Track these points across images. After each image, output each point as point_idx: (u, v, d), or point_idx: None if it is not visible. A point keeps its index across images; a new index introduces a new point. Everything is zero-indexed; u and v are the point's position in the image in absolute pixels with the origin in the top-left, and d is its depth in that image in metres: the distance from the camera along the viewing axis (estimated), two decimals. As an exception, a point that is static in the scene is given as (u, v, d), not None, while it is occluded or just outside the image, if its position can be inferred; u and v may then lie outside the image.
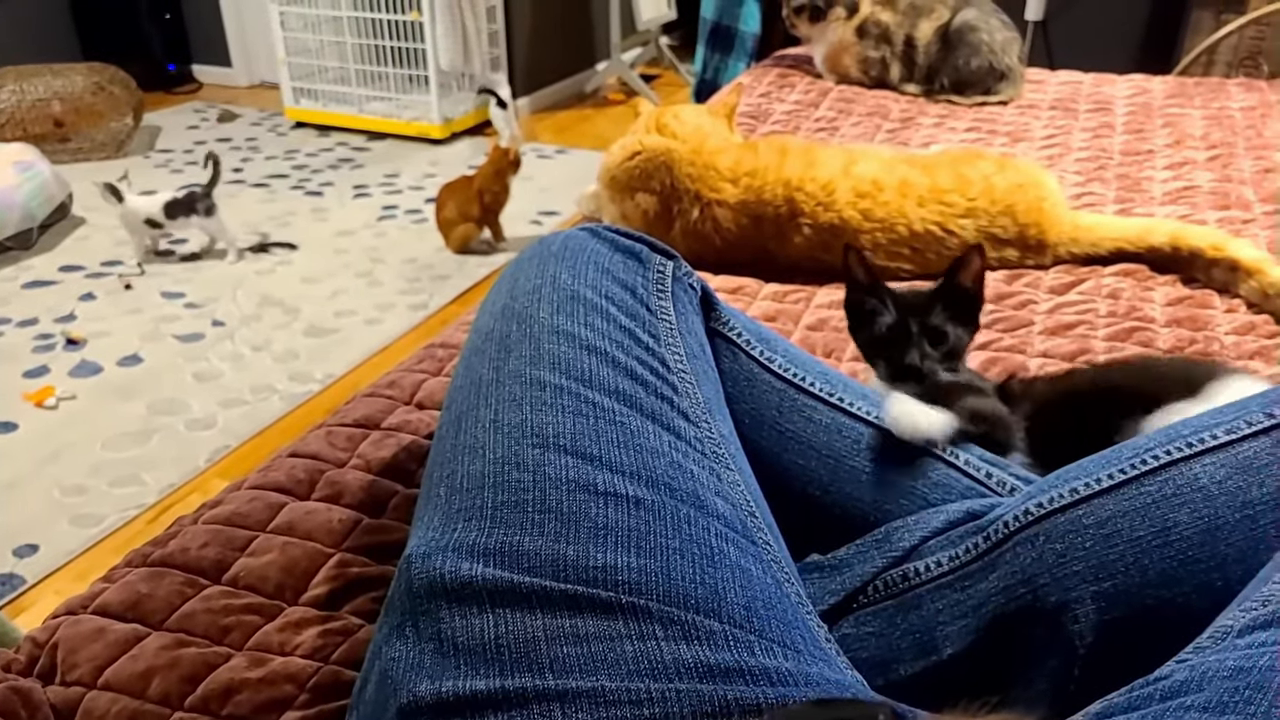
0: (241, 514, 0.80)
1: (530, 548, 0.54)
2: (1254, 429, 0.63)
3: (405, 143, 3.75)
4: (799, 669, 0.52)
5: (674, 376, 0.68)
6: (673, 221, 1.32)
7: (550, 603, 0.52)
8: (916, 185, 1.28)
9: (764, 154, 1.32)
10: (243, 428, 2.03)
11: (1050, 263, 1.32)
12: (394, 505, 0.82)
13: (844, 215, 1.27)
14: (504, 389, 0.64)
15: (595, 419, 0.61)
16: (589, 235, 0.77)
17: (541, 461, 0.58)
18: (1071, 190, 1.57)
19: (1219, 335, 1.14)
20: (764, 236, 1.31)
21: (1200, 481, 0.61)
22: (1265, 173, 1.64)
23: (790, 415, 0.76)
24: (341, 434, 0.91)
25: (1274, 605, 0.52)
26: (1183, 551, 0.60)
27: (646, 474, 0.59)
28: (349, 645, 0.69)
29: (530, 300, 0.70)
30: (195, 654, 0.66)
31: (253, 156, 3.62)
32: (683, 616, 0.52)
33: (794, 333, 1.16)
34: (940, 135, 1.92)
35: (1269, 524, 0.60)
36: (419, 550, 0.57)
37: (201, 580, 0.74)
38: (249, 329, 2.40)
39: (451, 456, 0.62)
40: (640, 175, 1.33)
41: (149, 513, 1.81)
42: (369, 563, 0.76)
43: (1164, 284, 1.26)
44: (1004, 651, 0.62)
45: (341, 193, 3.27)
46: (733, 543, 0.58)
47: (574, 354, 0.65)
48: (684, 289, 0.76)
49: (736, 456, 0.68)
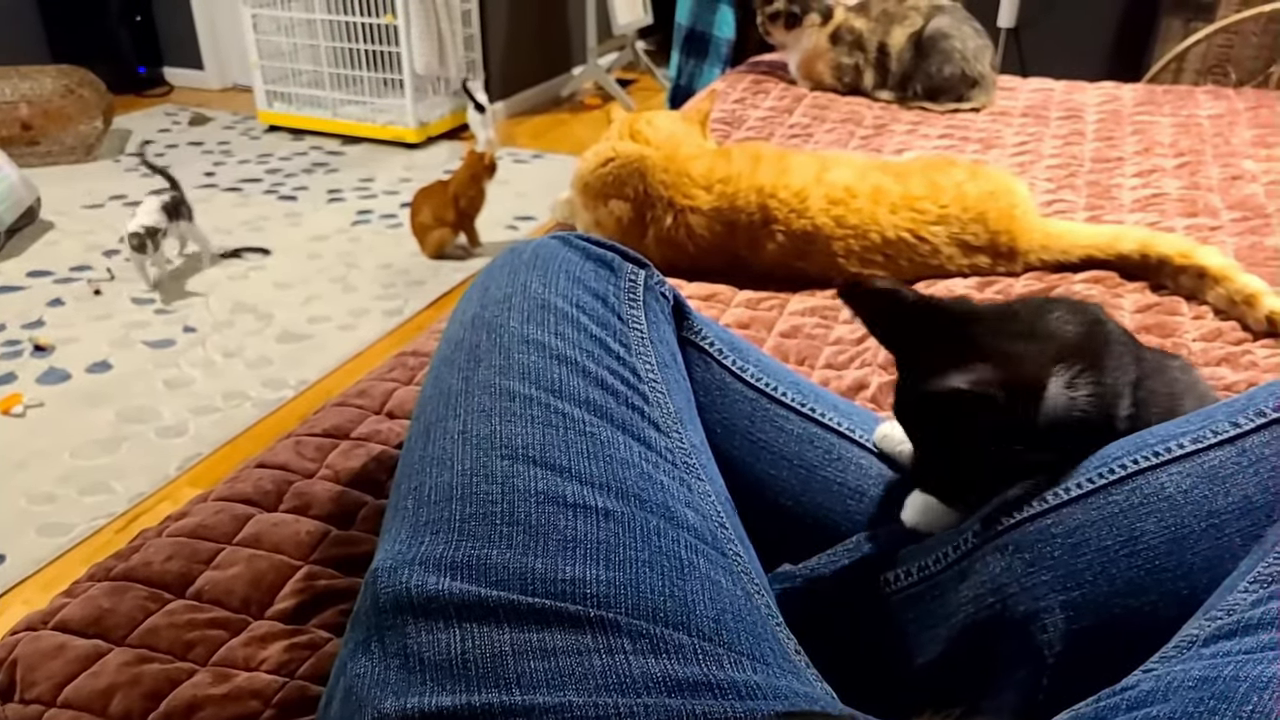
0: (207, 526, 0.79)
1: (498, 561, 0.54)
2: (1219, 438, 0.63)
3: (380, 147, 3.73)
4: (768, 682, 0.51)
5: (645, 386, 0.67)
6: (646, 228, 1.32)
7: (518, 617, 0.51)
8: (889, 192, 1.29)
9: (737, 161, 1.32)
10: (214, 435, 2.01)
11: (1021, 270, 1.32)
12: (363, 516, 0.82)
13: (817, 222, 1.27)
14: (473, 399, 0.63)
15: (565, 430, 0.61)
16: (560, 243, 0.77)
17: (510, 473, 0.58)
18: (1042, 197, 1.59)
19: (1187, 341, 1.15)
20: (737, 243, 1.31)
21: (1167, 491, 0.62)
22: (1232, 180, 1.66)
23: (762, 425, 0.76)
24: (310, 444, 0.90)
25: (1239, 614, 0.52)
26: (1149, 560, 0.61)
27: (616, 485, 0.59)
28: (316, 659, 0.68)
29: (500, 309, 0.70)
30: (158, 670, 0.65)
31: (225, 160, 3.59)
32: (651, 630, 0.51)
33: (767, 340, 1.16)
34: (913, 142, 1.93)
35: (1234, 533, 0.60)
36: (385, 564, 0.56)
37: (165, 594, 0.72)
38: (221, 335, 2.37)
39: (419, 468, 0.62)
40: (614, 182, 1.33)
41: (119, 521, 1.78)
42: (337, 575, 0.76)
43: (1133, 291, 1.27)
44: (973, 661, 0.62)
45: (315, 197, 3.25)
46: (702, 555, 0.58)
47: (544, 364, 0.65)
48: (656, 298, 0.76)
49: (708, 467, 0.68)
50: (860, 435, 0.77)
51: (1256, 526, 0.60)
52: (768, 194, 1.28)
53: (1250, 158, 1.77)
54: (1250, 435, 0.63)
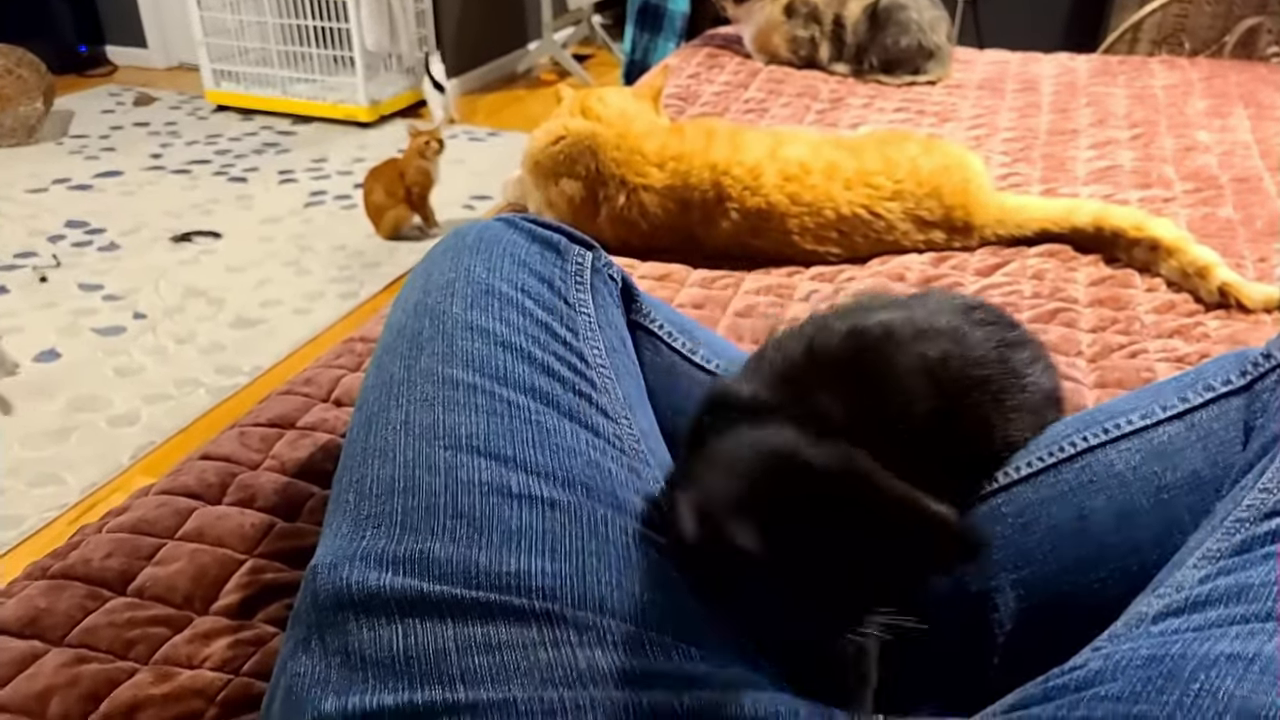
0: (148, 521, 0.76)
1: (441, 555, 0.52)
2: (1168, 414, 0.63)
3: (332, 126, 3.66)
4: (718, 671, 0.51)
5: (593, 372, 0.66)
6: (598, 207, 1.30)
7: (461, 611, 0.50)
8: (843, 168, 1.28)
9: (690, 137, 1.31)
10: (167, 423, 1.97)
11: (977, 244, 1.32)
12: (310, 508, 0.80)
13: (771, 199, 1.26)
14: (415, 388, 0.62)
15: (510, 418, 0.60)
16: (505, 226, 0.75)
17: (454, 464, 0.57)
18: (998, 170, 1.59)
19: (1140, 314, 1.15)
20: (691, 222, 1.29)
21: (1115, 468, 0.62)
22: (1186, 151, 1.67)
23: (713, 407, 0.75)
24: (255, 434, 0.87)
25: (1187, 590, 0.53)
26: (1099, 538, 0.61)
27: (563, 474, 0.57)
28: (261, 655, 0.66)
29: (443, 295, 0.68)
30: (97, 670, 0.63)
31: (172, 142, 3.51)
32: (598, 621, 0.50)
33: (722, 320, 1.15)
34: (869, 116, 1.92)
35: (1183, 508, 0.60)
36: (325, 560, 0.54)
37: (105, 592, 0.70)
38: (172, 321, 2.32)
39: (361, 460, 0.60)
40: (565, 160, 1.31)
41: (71, 513, 1.74)
42: (283, 568, 0.74)
43: (1087, 264, 1.27)
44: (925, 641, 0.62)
45: (266, 178, 3.19)
46: (651, 542, 0.57)
47: (488, 351, 0.63)
48: (604, 280, 0.75)
49: (658, 452, 0.67)
50: (813, 416, 0.77)
51: (1205, 501, 0.61)
52: (721, 171, 1.27)
53: (1204, 128, 1.79)
54: (1199, 410, 0.63)
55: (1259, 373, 0.64)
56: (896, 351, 0.60)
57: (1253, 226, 1.38)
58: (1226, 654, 0.46)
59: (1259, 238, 1.34)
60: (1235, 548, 0.53)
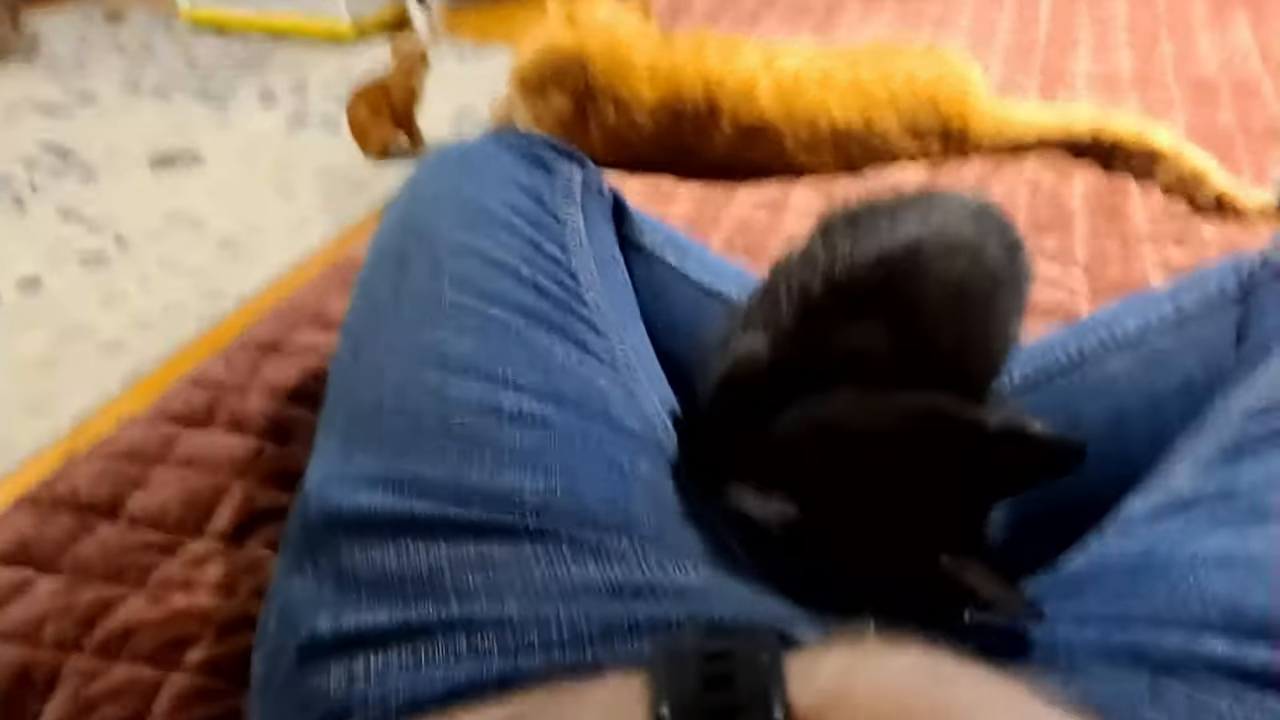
0: (137, 447, 0.76)
1: (432, 475, 0.52)
2: (1163, 321, 0.63)
3: (314, 44, 3.56)
4: (712, 584, 0.51)
5: (583, 289, 0.65)
6: (588, 123, 1.27)
7: (454, 531, 0.50)
8: (839, 79, 1.25)
9: (681, 49, 1.27)
10: (156, 350, 1.95)
11: (973, 154, 1.30)
12: (299, 431, 0.79)
13: (765, 112, 1.23)
14: (402, 309, 0.61)
15: (499, 337, 0.59)
16: (492, 142, 0.73)
17: (443, 384, 0.56)
18: (996, 80, 1.55)
19: (1136, 223, 1.14)
20: (683, 136, 1.26)
21: (1110, 374, 0.62)
22: (1185, 57, 1.63)
23: (706, 324, 0.74)
24: (243, 358, 0.87)
25: (1175, 491, 0.53)
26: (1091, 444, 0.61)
27: (553, 392, 0.57)
28: (256, 578, 0.66)
29: (429, 214, 0.66)
30: (91, 596, 0.63)
31: (147, 63, 3.41)
32: (592, 537, 0.50)
33: (715, 234, 1.14)
34: (866, 26, 1.87)
35: (1174, 413, 0.60)
36: (315, 483, 0.54)
37: (95, 519, 0.70)
38: (156, 247, 2.28)
39: (349, 382, 0.59)
40: (552, 75, 1.27)
41: (64, 443, 1.74)
42: (275, 491, 0.74)
43: (1084, 172, 1.25)
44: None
45: (247, 100, 3.10)
46: (644, 458, 0.56)
47: (476, 269, 0.62)
48: (594, 197, 0.73)
49: (650, 369, 0.66)
50: (807, 330, 0.76)
51: (1197, 405, 0.60)
52: (714, 82, 1.24)
53: (1205, 32, 1.74)
54: (1193, 317, 0.63)
55: (1254, 279, 0.63)
56: (926, 277, 0.54)
57: (1250, 132, 1.36)
58: (1214, 552, 0.46)
59: (1256, 143, 1.33)
60: (1224, 448, 0.53)
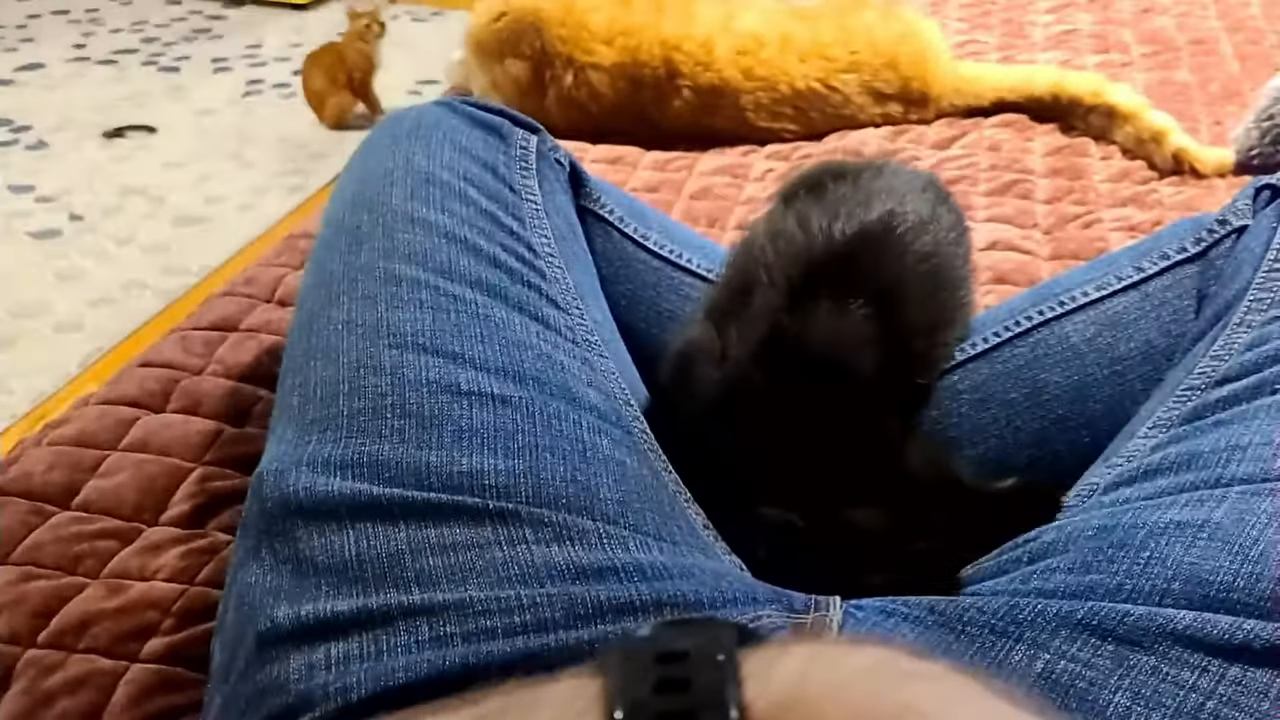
0: (90, 432, 0.74)
1: (390, 457, 0.51)
2: (1123, 284, 0.63)
3: (266, 9, 3.47)
4: (675, 561, 0.50)
5: (541, 262, 0.64)
6: (545, 89, 1.25)
7: (413, 514, 0.49)
8: (798, 39, 1.23)
9: (639, 10, 1.25)
10: (115, 327, 1.91)
11: (933, 116, 1.30)
12: (257, 413, 0.78)
13: (724, 75, 1.22)
14: (356, 286, 0.60)
15: (456, 313, 0.58)
16: (444, 110, 0.71)
17: (400, 363, 0.55)
18: (955, 39, 1.54)
19: (1095, 184, 1.14)
20: (643, 101, 1.25)
21: (1070, 340, 0.62)
22: (1144, 13, 1.63)
23: (667, 294, 0.74)
24: (197, 338, 0.85)
25: (1138, 460, 0.53)
26: (1054, 411, 0.61)
27: (513, 369, 0.56)
28: (215, 564, 0.65)
29: (381, 186, 0.65)
30: (45, 586, 0.62)
31: (95, 30, 3.31)
32: (553, 517, 0.50)
33: (677, 203, 1.12)
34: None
35: (1136, 378, 0.61)
36: (271, 467, 0.53)
37: (48, 507, 0.68)
38: (111, 221, 2.24)
39: (303, 363, 0.58)
40: (508, 38, 1.25)
41: (22, 424, 1.71)
42: (233, 475, 0.72)
43: (1043, 133, 1.25)
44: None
45: (200, 67, 3.03)
46: (606, 435, 0.56)
47: (431, 243, 0.61)
48: (550, 165, 0.72)
49: (611, 342, 0.65)
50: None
51: (1158, 371, 0.61)
52: (672, 46, 1.22)
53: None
54: (1153, 279, 0.63)
55: (1213, 239, 0.63)
56: (905, 255, 0.58)
57: (1208, 90, 1.36)
58: (1176, 521, 0.46)
59: (1214, 101, 1.33)
60: (1186, 415, 0.53)
